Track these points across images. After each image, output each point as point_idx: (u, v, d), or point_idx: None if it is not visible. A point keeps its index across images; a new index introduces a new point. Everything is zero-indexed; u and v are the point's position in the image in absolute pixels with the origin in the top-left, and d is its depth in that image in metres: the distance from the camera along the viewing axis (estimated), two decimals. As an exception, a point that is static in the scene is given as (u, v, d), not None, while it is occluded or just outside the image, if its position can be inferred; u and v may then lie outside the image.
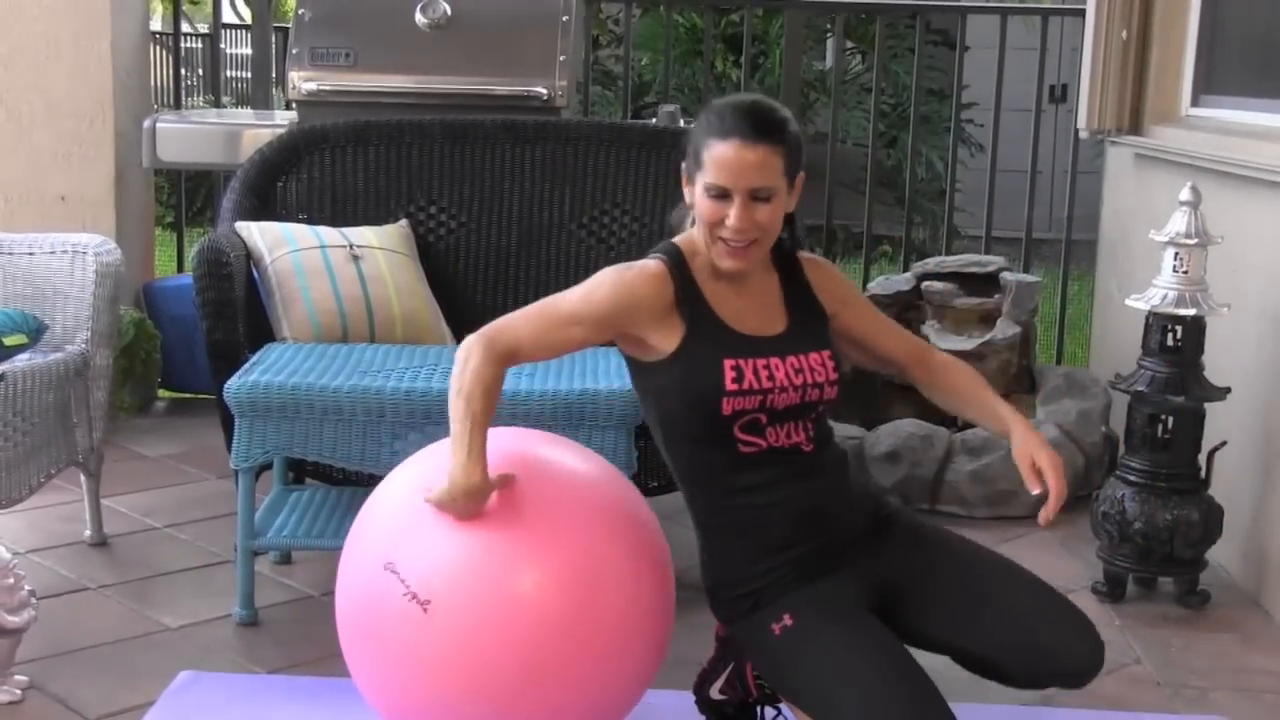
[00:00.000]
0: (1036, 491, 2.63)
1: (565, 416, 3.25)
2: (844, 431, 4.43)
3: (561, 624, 2.47)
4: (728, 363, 2.53)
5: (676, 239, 2.65)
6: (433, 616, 2.47)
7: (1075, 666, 2.58)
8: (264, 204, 4.10)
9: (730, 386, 2.51)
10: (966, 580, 2.63)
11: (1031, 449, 2.65)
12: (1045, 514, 2.61)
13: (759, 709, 2.76)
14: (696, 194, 2.56)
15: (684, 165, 2.60)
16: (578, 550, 2.51)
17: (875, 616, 2.55)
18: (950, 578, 2.63)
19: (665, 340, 2.55)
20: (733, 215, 2.51)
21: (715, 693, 2.74)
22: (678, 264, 2.59)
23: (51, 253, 3.87)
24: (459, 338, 3.97)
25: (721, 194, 2.51)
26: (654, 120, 4.69)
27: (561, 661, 2.49)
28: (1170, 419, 3.72)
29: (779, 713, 2.72)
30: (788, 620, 2.52)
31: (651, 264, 2.58)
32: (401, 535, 2.54)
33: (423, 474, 2.60)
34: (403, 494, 2.62)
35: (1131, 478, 3.77)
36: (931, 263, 4.99)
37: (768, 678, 2.64)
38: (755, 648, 2.60)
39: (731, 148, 2.50)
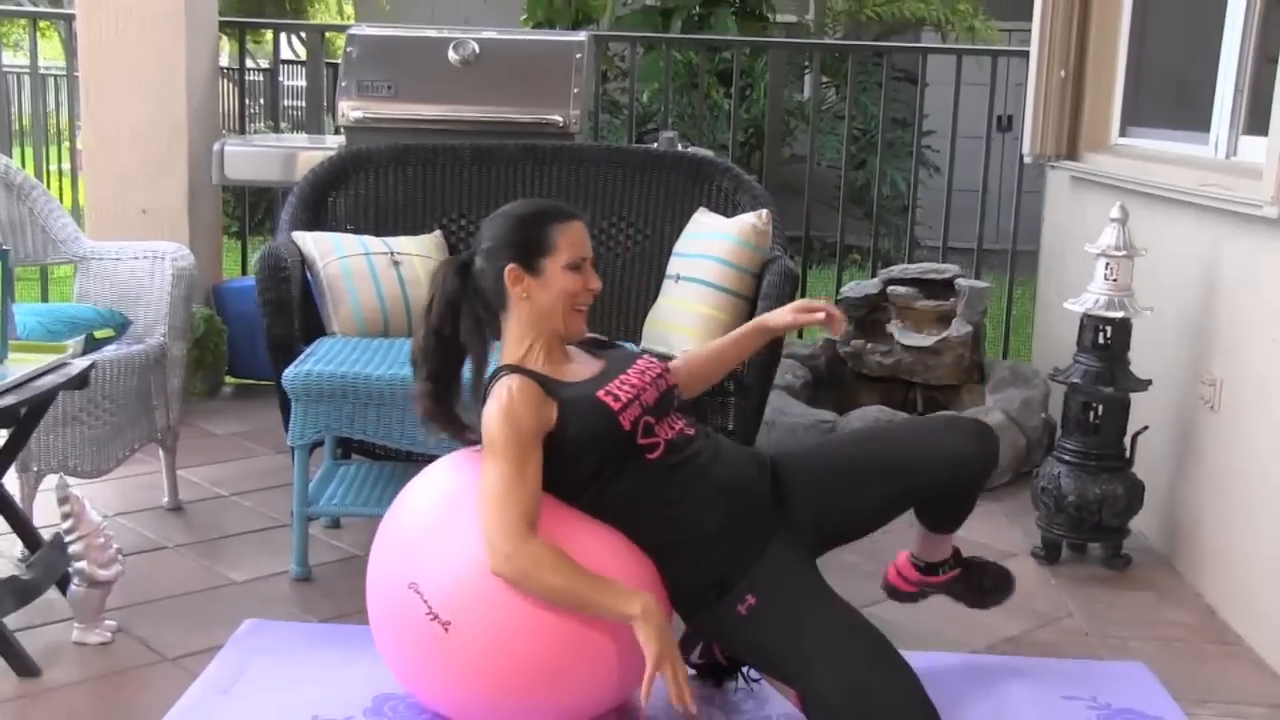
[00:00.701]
0: (820, 317, 2.79)
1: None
2: (818, 416, 4.45)
3: (573, 636, 2.45)
4: (599, 394, 2.57)
5: (501, 364, 2.60)
6: (453, 635, 2.45)
7: (965, 447, 2.67)
8: (316, 216, 4.11)
9: (615, 406, 2.56)
10: (858, 458, 2.72)
11: (784, 311, 2.83)
12: (836, 312, 2.81)
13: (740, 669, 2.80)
14: (550, 279, 2.58)
15: (507, 270, 2.57)
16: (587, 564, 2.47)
17: (824, 579, 2.58)
18: (846, 468, 2.70)
19: (551, 423, 2.54)
20: (593, 279, 2.63)
21: (695, 658, 2.76)
22: (525, 371, 2.57)
23: (135, 258, 3.89)
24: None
25: (577, 265, 2.60)
26: (655, 145, 4.70)
27: (574, 667, 2.48)
28: (1100, 407, 3.73)
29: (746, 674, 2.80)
30: (751, 600, 2.52)
31: (513, 381, 2.53)
32: (423, 557, 2.51)
33: (437, 492, 2.58)
34: (422, 513, 2.58)
35: (1066, 457, 3.79)
36: (896, 270, 5.00)
37: (741, 655, 2.64)
38: (726, 632, 2.58)
39: (577, 226, 2.62)
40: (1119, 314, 3.67)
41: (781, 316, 2.86)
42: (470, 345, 2.61)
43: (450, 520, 2.53)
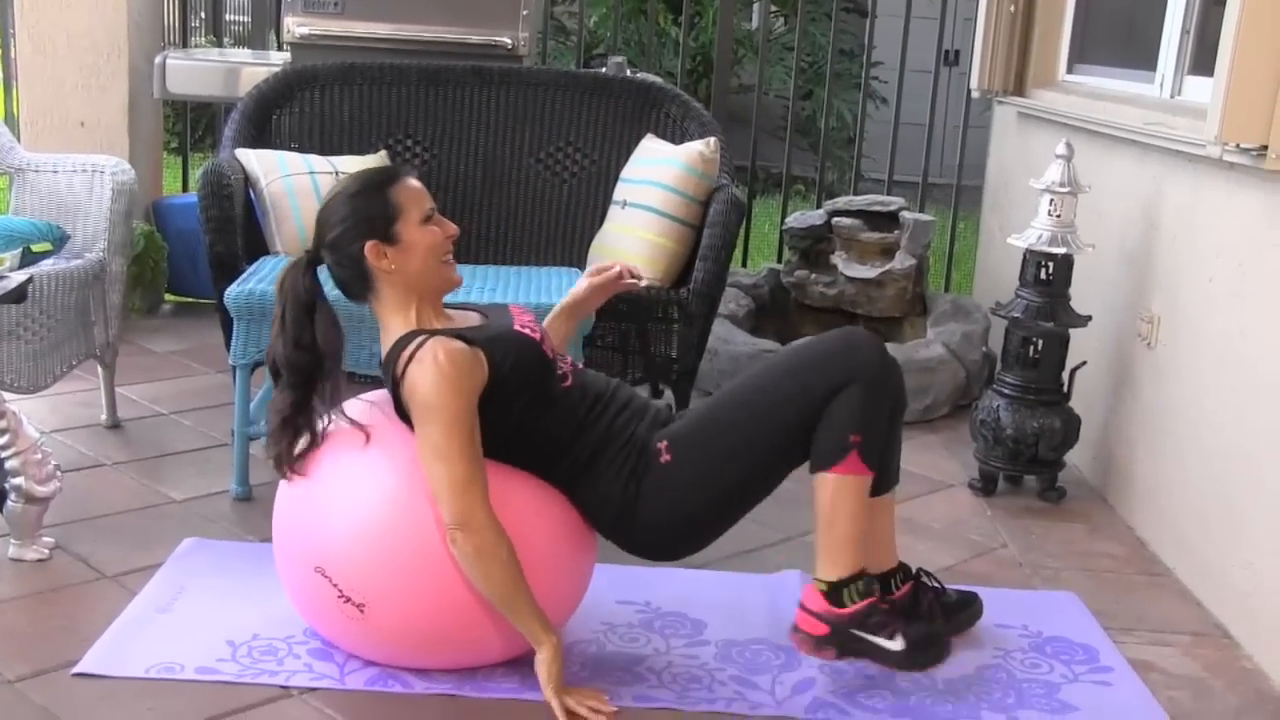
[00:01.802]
0: (615, 273, 2.84)
1: (523, 326, 3.25)
2: (761, 345, 4.46)
3: (490, 606, 2.46)
4: (516, 329, 2.57)
5: (404, 333, 2.52)
6: (370, 616, 2.46)
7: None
8: (260, 134, 4.07)
9: (536, 336, 2.58)
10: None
11: (579, 284, 2.85)
12: (629, 269, 2.86)
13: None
14: (410, 241, 2.51)
15: (366, 249, 2.49)
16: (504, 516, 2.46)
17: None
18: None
19: (486, 372, 2.50)
20: (447, 225, 2.57)
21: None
22: (431, 332, 2.51)
23: (73, 171, 3.82)
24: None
25: (429, 217, 2.54)
26: (603, 70, 4.66)
27: (494, 623, 2.50)
28: (1040, 341, 3.77)
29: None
30: (664, 444, 2.56)
31: (436, 345, 2.45)
32: (326, 538, 2.48)
33: (332, 467, 2.51)
34: (320, 491, 2.53)
35: (1005, 391, 3.83)
36: (841, 201, 5.01)
37: (691, 497, 2.56)
38: (664, 489, 2.56)
39: (410, 182, 2.55)
40: (1061, 250, 3.69)
41: (577, 291, 2.86)
42: (328, 345, 2.53)
43: (350, 497, 2.49)
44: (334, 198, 2.56)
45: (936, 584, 2.90)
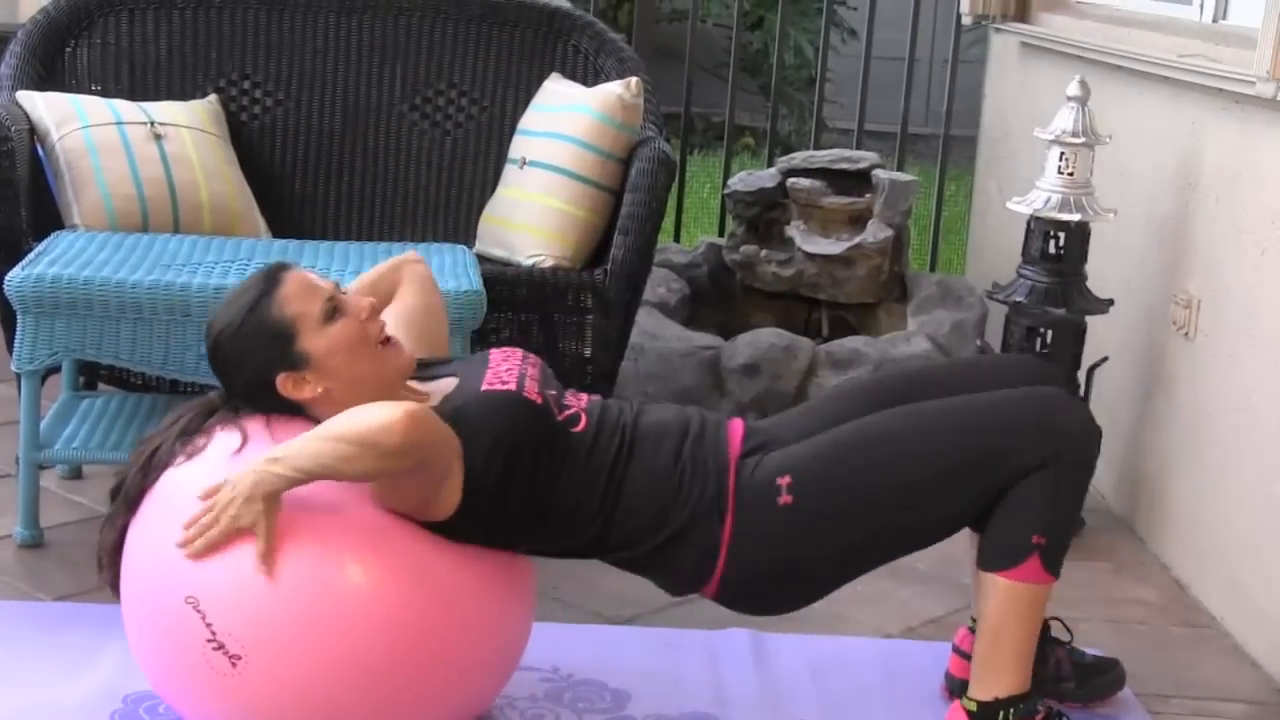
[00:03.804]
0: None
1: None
2: (698, 342, 4.45)
3: (403, 677, 2.45)
4: (484, 389, 2.56)
5: None
6: (244, 673, 2.40)
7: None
8: (49, 72, 4.01)
9: (511, 387, 2.56)
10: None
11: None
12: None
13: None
14: (323, 354, 2.53)
15: (279, 384, 2.54)
16: (410, 578, 2.47)
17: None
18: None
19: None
20: (357, 303, 2.58)
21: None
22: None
23: None
24: (274, 228, 3.96)
25: (331, 313, 2.54)
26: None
27: (400, 705, 2.47)
28: (1049, 332, 3.77)
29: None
30: (785, 481, 2.55)
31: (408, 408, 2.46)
32: (207, 563, 2.42)
33: (229, 461, 2.50)
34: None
35: (1006, 395, 3.83)
36: (798, 158, 5.01)
37: (815, 545, 2.59)
38: (775, 537, 2.57)
39: (291, 279, 2.56)
40: (1075, 216, 3.70)
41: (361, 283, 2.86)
42: None
43: None
44: (217, 338, 2.58)
45: (1068, 639, 2.98)
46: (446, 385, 2.64)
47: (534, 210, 3.89)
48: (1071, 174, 3.71)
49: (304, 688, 2.42)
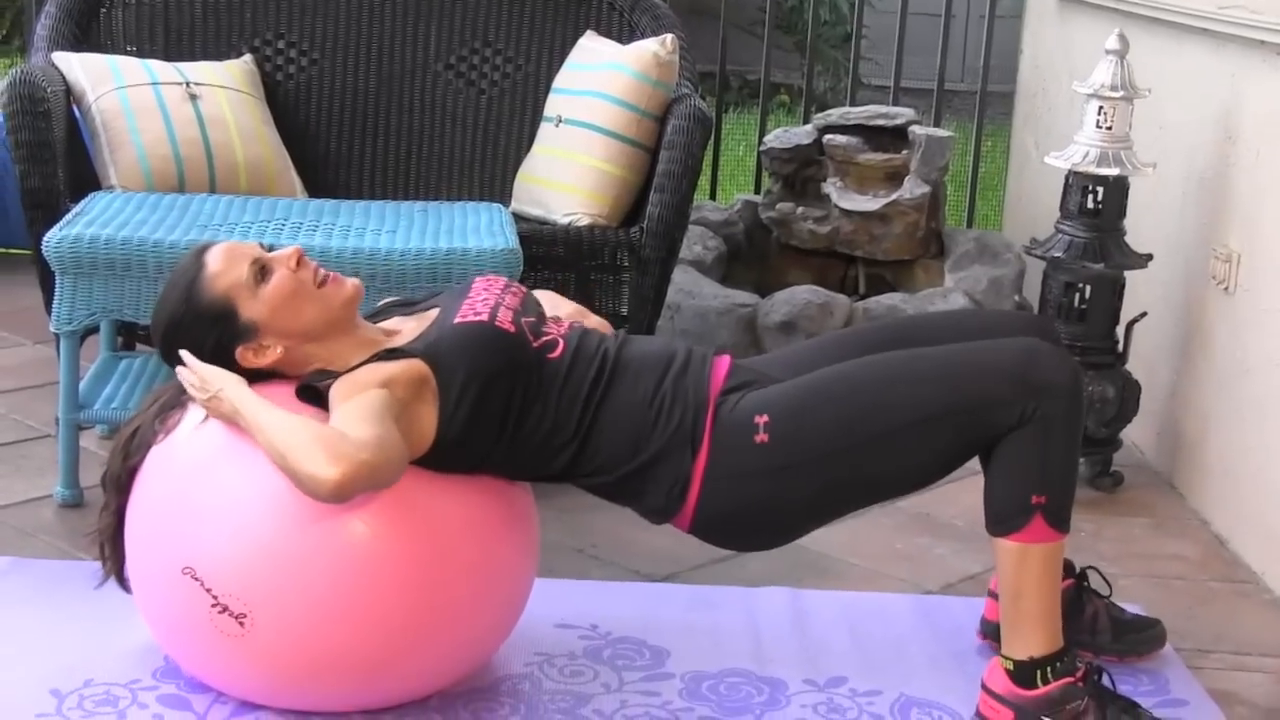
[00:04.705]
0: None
1: (430, 278, 3.22)
2: (735, 299, 4.44)
3: (402, 619, 2.46)
4: (457, 321, 2.56)
5: (318, 385, 2.54)
6: (252, 631, 2.42)
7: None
8: (84, 33, 4.02)
9: (483, 317, 2.56)
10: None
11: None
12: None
13: None
14: (265, 317, 2.54)
15: (240, 356, 2.55)
16: (412, 523, 2.48)
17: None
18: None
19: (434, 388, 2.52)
20: (279, 255, 2.57)
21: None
22: (348, 369, 2.53)
23: None
24: (310, 188, 3.96)
25: (261, 273, 2.55)
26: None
27: (409, 649, 2.50)
28: (1088, 288, 3.76)
29: None
30: (763, 420, 2.56)
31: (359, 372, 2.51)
32: (200, 531, 2.45)
33: (213, 438, 2.51)
34: (193, 470, 2.52)
35: (1044, 351, 3.82)
36: (834, 114, 4.99)
37: (782, 488, 2.59)
38: (749, 474, 2.57)
39: (214, 255, 2.57)
40: (1113, 171, 3.68)
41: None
42: None
43: (236, 475, 2.48)
44: (161, 340, 2.60)
45: (1108, 593, 2.98)
46: (429, 317, 2.66)
47: (570, 168, 3.88)
48: (1110, 128, 3.69)
49: (311, 633, 2.44)
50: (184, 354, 2.53)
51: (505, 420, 2.54)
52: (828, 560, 3.28)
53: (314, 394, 2.51)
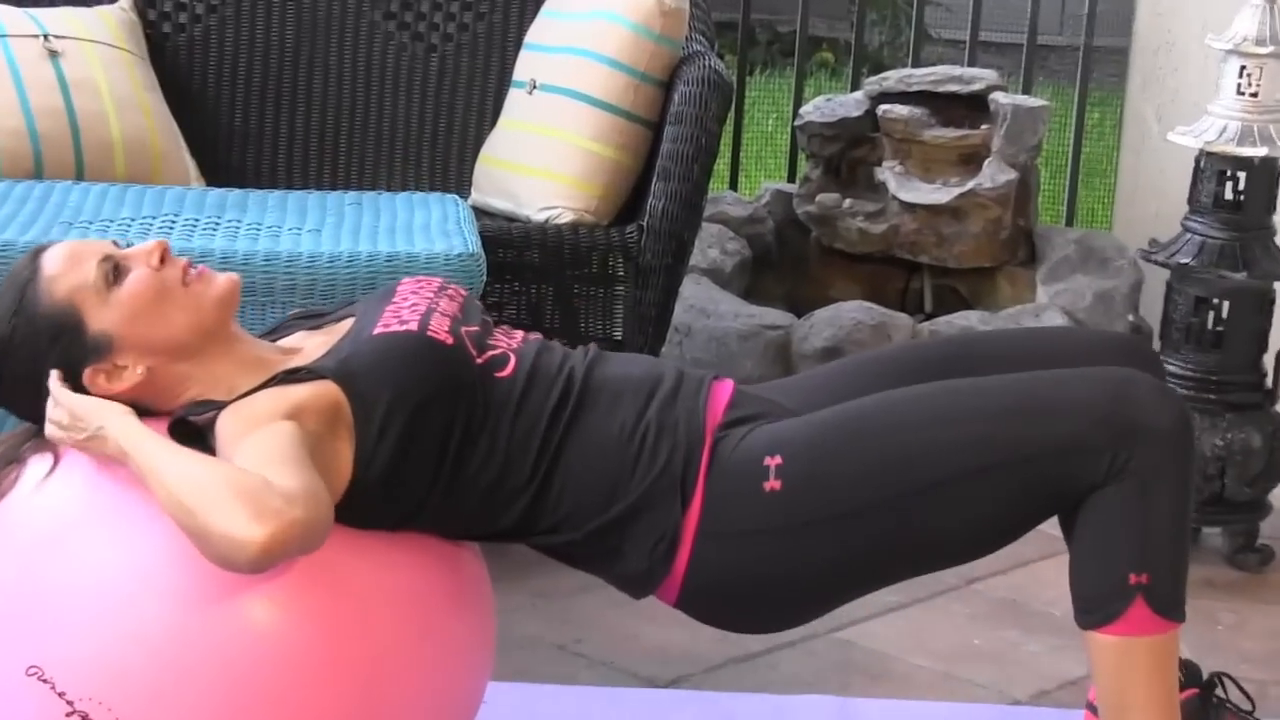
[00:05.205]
0: None
1: (369, 286, 3.21)
2: (762, 319, 4.44)
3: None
4: (375, 333, 2.56)
5: (196, 419, 2.56)
6: None
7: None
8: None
9: (410, 327, 2.56)
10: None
11: None
12: None
13: None
14: (120, 325, 2.53)
15: (89, 380, 2.54)
16: (330, 600, 2.46)
17: None
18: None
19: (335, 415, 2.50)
20: (135, 252, 2.57)
21: None
22: (236, 397, 2.53)
23: None
24: (207, 173, 3.98)
25: (112, 274, 2.53)
26: None
27: None
28: (1225, 304, 3.77)
29: None
30: (775, 462, 2.54)
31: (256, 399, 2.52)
32: (50, 620, 2.44)
33: (70, 503, 2.51)
34: (42, 545, 2.49)
35: (1171, 386, 3.82)
36: (892, 78, 5.01)
37: (807, 547, 2.58)
38: (761, 535, 2.57)
39: (53, 256, 2.56)
40: (1260, 151, 3.69)
41: None
42: None
43: (95, 545, 2.47)
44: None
45: (1249, 709, 2.96)
46: (341, 329, 2.65)
47: (547, 148, 3.90)
48: (1255, 94, 3.70)
49: None
50: (52, 381, 2.51)
51: (441, 459, 2.52)
52: (885, 659, 3.28)
53: (192, 431, 2.49)
